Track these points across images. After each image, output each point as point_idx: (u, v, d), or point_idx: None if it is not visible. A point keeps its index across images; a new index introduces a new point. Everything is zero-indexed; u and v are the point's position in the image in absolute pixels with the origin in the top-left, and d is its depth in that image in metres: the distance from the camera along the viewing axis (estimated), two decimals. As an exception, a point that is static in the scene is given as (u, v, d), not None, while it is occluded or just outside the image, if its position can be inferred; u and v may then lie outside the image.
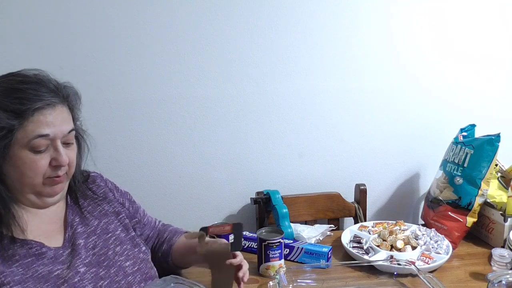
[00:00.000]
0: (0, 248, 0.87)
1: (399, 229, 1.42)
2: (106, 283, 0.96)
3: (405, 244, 1.34)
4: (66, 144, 0.95)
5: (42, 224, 0.96)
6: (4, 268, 0.86)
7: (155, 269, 1.11)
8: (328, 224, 1.59)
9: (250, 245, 1.40)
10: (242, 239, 1.08)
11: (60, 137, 0.92)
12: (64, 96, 0.95)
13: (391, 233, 1.39)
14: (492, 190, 1.46)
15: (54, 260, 0.92)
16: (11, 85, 0.90)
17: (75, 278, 0.92)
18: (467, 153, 1.43)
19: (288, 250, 1.34)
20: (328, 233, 1.51)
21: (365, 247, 1.36)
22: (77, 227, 1.01)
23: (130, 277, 1.01)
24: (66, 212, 1.03)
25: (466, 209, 1.42)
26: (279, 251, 1.25)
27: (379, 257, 1.29)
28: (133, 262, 1.04)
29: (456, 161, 1.46)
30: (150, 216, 1.24)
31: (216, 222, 1.35)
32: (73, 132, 0.97)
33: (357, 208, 1.64)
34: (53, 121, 0.91)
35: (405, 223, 1.48)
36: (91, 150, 1.07)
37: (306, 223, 1.61)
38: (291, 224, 1.47)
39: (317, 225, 1.52)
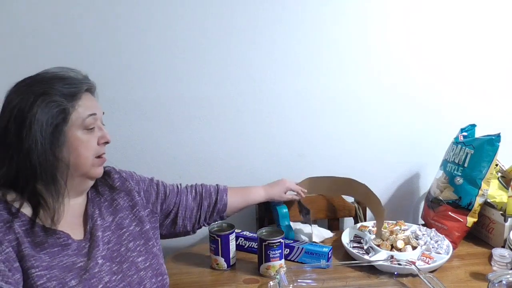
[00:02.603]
0: (32, 234, 0.91)
1: (399, 229, 1.42)
2: (119, 277, 0.99)
3: (406, 244, 1.34)
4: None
5: (68, 217, 0.99)
6: (34, 253, 0.90)
7: (164, 266, 1.13)
8: (328, 224, 1.59)
9: (250, 245, 1.40)
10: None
11: (100, 118, 1.02)
12: (92, 90, 1.04)
13: (391, 233, 1.39)
14: (493, 190, 1.46)
15: (77, 252, 0.96)
16: (53, 75, 0.97)
17: (95, 269, 0.96)
18: (467, 153, 1.43)
19: (288, 250, 1.34)
20: (329, 236, 1.50)
21: (365, 247, 1.36)
22: (97, 219, 1.04)
23: (142, 272, 1.04)
24: (87, 205, 1.06)
25: (466, 209, 1.42)
26: (279, 251, 1.25)
27: (379, 257, 1.29)
28: (145, 258, 1.07)
29: (457, 161, 1.46)
30: (170, 185, 1.29)
31: (216, 222, 1.35)
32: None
33: (357, 208, 1.64)
34: (95, 103, 1.01)
35: (405, 223, 1.48)
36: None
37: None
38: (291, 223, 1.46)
39: (321, 229, 1.52)
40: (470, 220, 1.42)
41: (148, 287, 1.04)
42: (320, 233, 1.47)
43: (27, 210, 0.93)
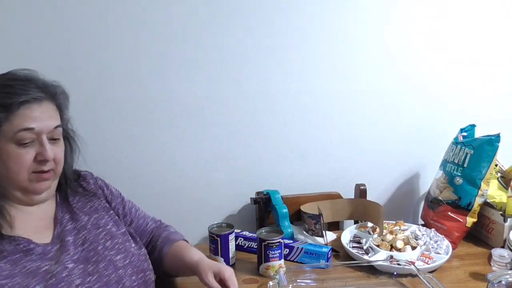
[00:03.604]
0: None
1: (399, 229, 1.42)
2: (94, 278, 0.96)
3: (405, 244, 1.34)
4: (52, 140, 0.96)
5: (31, 221, 0.97)
6: None
7: (150, 261, 1.11)
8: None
9: (250, 245, 1.40)
10: None
11: (46, 132, 0.94)
12: (52, 93, 0.97)
13: (391, 233, 1.39)
14: (492, 190, 1.46)
15: (42, 256, 0.93)
16: (1, 82, 0.94)
17: (63, 273, 0.93)
18: (467, 153, 1.43)
19: (288, 250, 1.34)
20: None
21: (365, 247, 1.36)
22: (67, 224, 1.02)
23: (120, 270, 1.01)
24: (56, 210, 1.03)
25: (466, 209, 1.42)
26: (279, 251, 1.25)
27: (379, 257, 1.29)
28: (124, 255, 1.04)
29: (456, 161, 1.46)
30: (143, 217, 1.23)
31: (215, 222, 1.35)
32: (60, 129, 0.98)
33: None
34: (39, 116, 0.93)
35: (405, 223, 1.48)
36: (82, 150, 1.09)
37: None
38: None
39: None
40: (470, 220, 1.42)
41: (127, 285, 1.01)
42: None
43: None
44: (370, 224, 1.49)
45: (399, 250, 1.32)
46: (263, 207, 1.57)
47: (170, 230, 1.26)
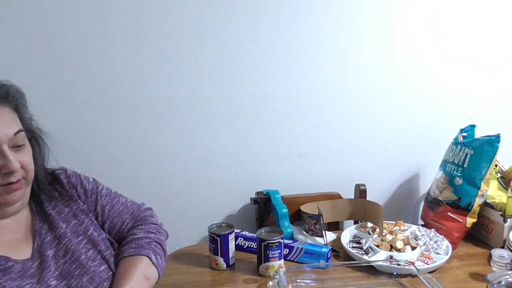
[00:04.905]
0: None
1: (399, 229, 1.42)
2: None
3: (405, 244, 1.34)
4: (16, 147, 0.88)
5: (5, 235, 0.90)
6: None
7: None
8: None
9: (249, 245, 1.40)
10: None
11: (6, 142, 0.85)
12: (3, 96, 0.88)
13: (391, 233, 1.39)
14: (492, 190, 1.46)
15: (22, 274, 0.86)
16: None
17: None
18: (467, 154, 1.43)
19: (287, 250, 1.34)
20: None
21: (364, 247, 1.36)
22: (46, 235, 0.95)
23: (106, 282, 0.96)
24: (32, 220, 0.96)
25: (465, 210, 1.42)
26: (279, 251, 1.25)
27: (379, 258, 1.29)
28: (107, 266, 0.98)
29: (456, 162, 1.46)
30: (119, 215, 1.08)
31: (215, 222, 1.35)
32: (22, 133, 0.89)
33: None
34: None
35: (405, 224, 1.48)
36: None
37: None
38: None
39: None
40: (470, 220, 1.42)
41: None
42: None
43: None
44: (370, 224, 1.49)
45: (399, 250, 1.32)
46: (263, 207, 1.57)
47: (134, 235, 1.07)
